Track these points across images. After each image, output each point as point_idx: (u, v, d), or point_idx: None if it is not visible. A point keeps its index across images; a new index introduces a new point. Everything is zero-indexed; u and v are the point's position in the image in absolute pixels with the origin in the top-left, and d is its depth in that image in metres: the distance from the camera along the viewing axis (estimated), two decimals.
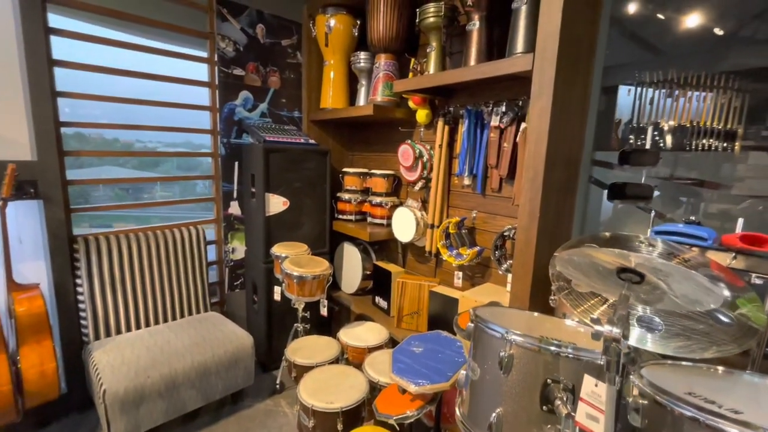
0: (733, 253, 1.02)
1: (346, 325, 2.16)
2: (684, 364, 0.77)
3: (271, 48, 2.63)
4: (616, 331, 0.57)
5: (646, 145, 1.58)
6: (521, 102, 1.79)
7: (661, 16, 1.59)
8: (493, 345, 0.85)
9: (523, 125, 1.75)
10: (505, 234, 1.83)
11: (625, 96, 1.69)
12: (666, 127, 1.54)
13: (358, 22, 2.48)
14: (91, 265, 1.96)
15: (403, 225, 2.28)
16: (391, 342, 2.07)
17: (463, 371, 1.03)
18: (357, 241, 2.71)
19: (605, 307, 0.93)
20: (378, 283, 2.48)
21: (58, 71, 1.89)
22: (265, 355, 2.48)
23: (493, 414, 0.82)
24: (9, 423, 1.57)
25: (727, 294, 0.56)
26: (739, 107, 1.37)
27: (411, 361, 1.26)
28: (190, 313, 2.33)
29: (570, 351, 0.78)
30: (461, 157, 2.04)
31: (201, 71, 2.42)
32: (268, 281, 2.37)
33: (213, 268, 2.62)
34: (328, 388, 1.57)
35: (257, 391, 2.28)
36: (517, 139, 1.78)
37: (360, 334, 2.02)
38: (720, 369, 0.76)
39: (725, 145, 1.42)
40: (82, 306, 1.97)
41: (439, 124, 2.11)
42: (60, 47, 1.90)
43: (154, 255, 2.18)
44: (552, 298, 1.39)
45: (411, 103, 2.28)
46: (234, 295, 2.71)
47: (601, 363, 0.76)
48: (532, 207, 1.45)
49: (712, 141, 1.44)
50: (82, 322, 1.98)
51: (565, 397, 0.70)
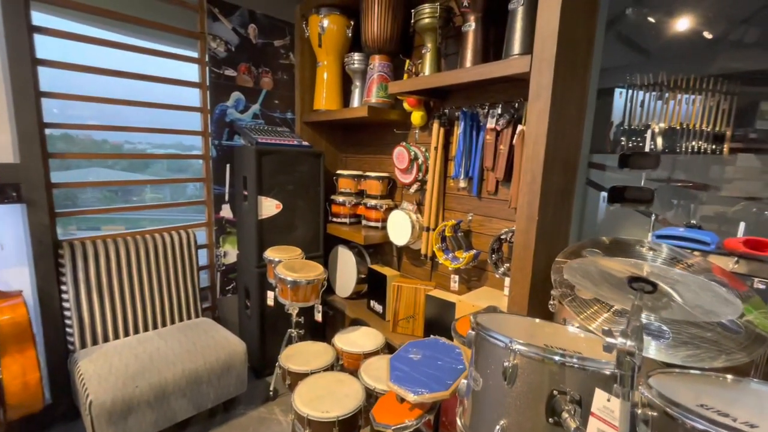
0: (735, 258, 1.01)
1: (340, 330, 2.12)
2: (692, 372, 0.75)
3: (264, 48, 2.58)
4: (630, 343, 0.54)
5: (645, 147, 1.57)
6: (517, 104, 1.77)
7: (651, 20, 1.59)
8: (497, 354, 0.82)
9: (519, 127, 1.73)
10: (502, 237, 1.82)
11: (617, 98, 1.69)
12: (657, 130, 1.55)
13: (352, 23, 2.45)
14: (76, 271, 1.90)
15: (399, 228, 2.25)
16: (387, 347, 2.03)
17: (464, 380, 1.01)
18: (351, 244, 2.68)
19: (609, 314, 0.91)
20: (373, 286, 2.44)
21: (45, 71, 1.83)
22: (258, 361, 2.43)
23: (497, 426, 0.80)
24: None
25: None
26: (727, 110, 1.38)
27: (409, 368, 1.23)
28: (181, 319, 2.28)
29: (575, 361, 0.76)
30: (457, 160, 2.02)
31: (192, 72, 2.37)
32: (260, 286, 2.32)
33: (204, 273, 2.57)
34: (324, 397, 1.53)
35: (250, 399, 2.23)
36: (514, 141, 1.76)
37: (355, 340, 1.99)
38: (729, 377, 0.74)
39: (714, 147, 1.44)
40: (67, 313, 1.90)
41: (435, 126, 2.09)
42: (48, 47, 1.84)
43: (143, 260, 2.12)
44: (551, 302, 1.37)
45: (406, 105, 2.25)
46: (226, 300, 2.65)
47: (607, 373, 0.74)
48: (530, 210, 1.43)
49: (701, 143, 1.46)
50: (68, 330, 1.92)
51: (573, 410, 0.67)
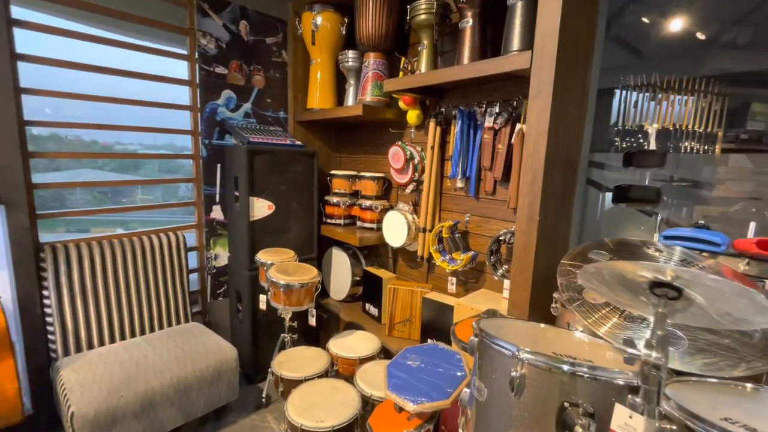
0: (746, 259, 0.97)
1: (335, 334, 2.06)
2: (709, 381, 0.71)
3: (256, 46, 2.52)
4: (656, 355, 0.50)
5: (650, 146, 1.54)
6: (516, 102, 1.73)
7: (645, 20, 1.58)
8: (502, 363, 0.77)
9: (518, 126, 1.69)
10: (500, 238, 1.77)
11: (616, 98, 1.67)
12: (650, 130, 1.53)
13: (346, 20, 2.40)
14: (59, 275, 1.82)
15: (394, 229, 2.20)
16: (383, 352, 1.98)
17: (466, 389, 0.96)
18: (346, 245, 2.62)
19: (619, 318, 0.87)
20: (368, 289, 2.39)
21: (27, 67, 1.75)
22: (250, 367, 2.36)
23: None
24: None
25: None
26: (719, 111, 1.38)
27: (407, 376, 1.17)
28: (170, 324, 2.20)
29: (586, 370, 0.71)
30: (454, 159, 1.98)
31: (181, 69, 2.30)
32: (252, 289, 2.26)
33: (194, 276, 2.49)
34: (318, 405, 1.47)
35: (242, 406, 2.16)
36: (513, 140, 1.72)
37: (350, 345, 1.93)
38: (748, 386, 0.70)
39: (706, 147, 1.43)
40: (49, 320, 1.82)
41: (431, 125, 2.04)
42: (31, 42, 1.76)
43: (129, 263, 2.04)
44: (554, 306, 1.33)
45: (401, 104, 2.21)
46: (217, 303, 2.58)
47: (621, 383, 0.70)
48: (530, 211, 1.39)
49: (694, 144, 1.46)
50: (50, 336, 1.83)
51: (587, 424, 0.63)
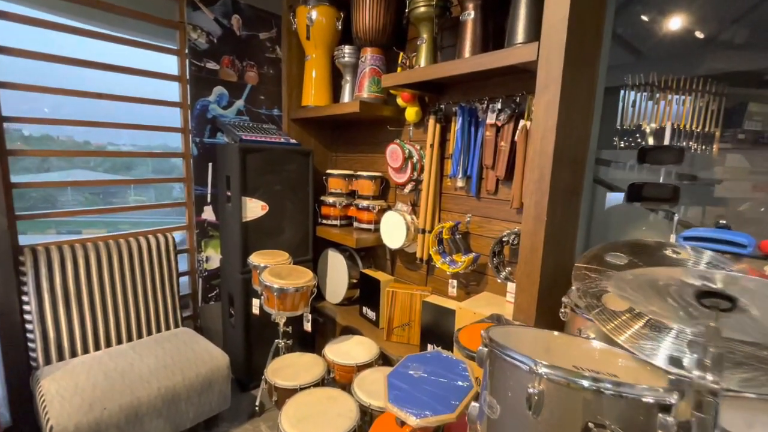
0: None
1: (331, 339, 1.98)
2: (747, 395, 0.65)
3: (248, 41, 2.44)
4: (712, 378, 0.43)
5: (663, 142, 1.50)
6: (519, 98, 1.67)
7: (644, 18, 1.54)
8: (518, 378, 0.70)
9: (522, 122, 1.63)
10: (503, 239, 1.71)
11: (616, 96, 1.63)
12: (648, 130, 1.51)
13: (342, 15, 2.33)
14: (40, 279, 1.73)
15: (393, 230, 2.13)
16: (382, 357, 1.90)
17: (474, 403, 0.88)
18: (342, 247, 2.54)
19: (641, 325, 0.80)
20: (365, 292, 2.31)
21: (5, 60, 1.66)
22: (243, 373, 2.27)
23: None
24: None
25: None
26: (716, 110, 1.37)
27: (409, 387, 1.10)
28: (159, 330, 2.11)
29: (609, 386, 0.65)
30: (454, 158, 1.91)
31: (170, 64, 2.21)
32: (245, 293, 2.17)
33: (185, 279, 2.40)
34: (314, 417, 1.39)
35: (234, 415, 2.08)
36: (516, 137, 1.66)
37: (348, 350, 1.85)
38: None
39: (704, 147, 1.43)
40: (29, 326, 1.72)
41: (431, 122, 1.97)
42: (12, 35, 1.67)
43: (116, 266, 1.95)
44: (563, 311, 1.26)
45: (399, 100, 2.14)
46: (209, 307, 2.49)
47: (652, 401, 0.63)
48: (537, 211, 1.32)
49: (692, 143, 1.45)
50: (30, 344, 1.74)
51: None
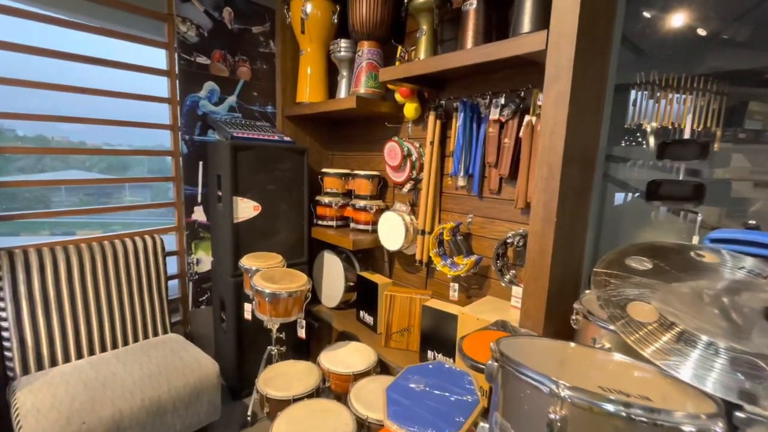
0: None
1: (327, 346, 1.89)
2: None
3: (241, 35, 2.35)
4: None
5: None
6: (523, 92, 1.59)
7: (646, 15, 1.48)
8: (535, 401, 0.62)
9: (527, 118, 1.54)
10: (507, 241, 1.62)
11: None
12: (648, 129, 1.48)
13: (338, 7, 2.24)
14: (17, 284, 1.63)
15: (391, 231, 2.04)
16: (380, 365, 1.81)
17: (483, 423, 0.80)
18: (338, 249, 2.45)
19: (670, 337, 0.71)
20: (362, 295, 2.23)
21: None
22: (235, 381, 2.18)
23: None
24: None
25: None
26: (717, 109, 1.34)
27: (410, 402, 1.01)
28: (146, 336, 2.01)
29: (640, 413, 0.56)
30: (455, 155, 1.82)
31: (158, 58, 2.12)
32: (237, 297, 2.08)
33: (175, 283, 2.30)
34: None
35: (225, 425, 1.98)
36: (520, 133, 1.58)
37: (344, 358, 1.76)
38: None
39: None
40: (6, 334, 1.62)
41: (430, 118, 1.89)
42: None
43: (99, 269, 1.85)
44: (574, 317, 1.18)
45: (398, 96, 2.05)
46: (199, 312, 2.39)
47: (691, 431, 0.54)
48: (546, 211, 1.24)
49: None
50: (7, 353, 1.64)
51: None
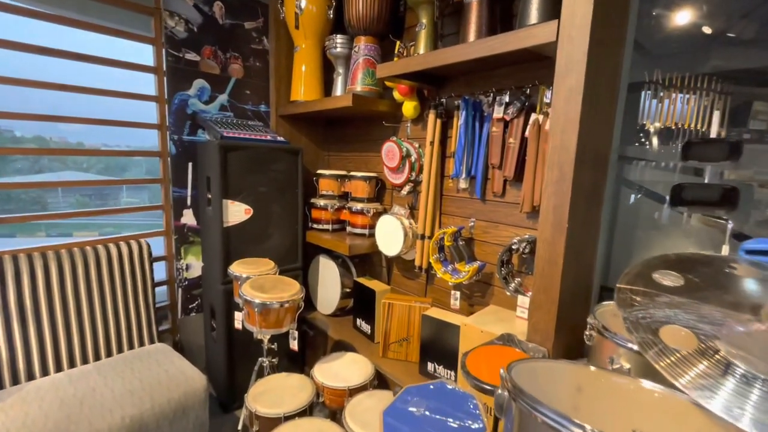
0: None
1: (321, 358, 1.79)
2: None
3: (232, 30, 2.25)
4: None
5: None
6: (529, 90, 1.50)
7: (654, 12, 1.40)
8: None
9: (533, 116, 1.45)
10: (513, 247, 1.53)
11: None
12: (652, 129, 1.43)
13: (334, 2, 2.14)
14: None
15: (389, 236, 1.94)
16: (378, 378, 1.71)
17: None
18: (334, 254, 2.35)
19: (708, 364, 0.62)
20: (359, 303, 2.13)
21: None
22: (226, 393, 2.08)
23: None
24: None
25: None
26: (721, 110, 1.29)
27: (409, 429, 0.92)
28: (131, 347, 1.91)
29: None
30: (457, 156, 1.73)
31: (145, 54, 2.02)
32: (227, 305, 1.98)
33: (163, 289, 2.20)
34: None
35: None
36: (526, 133, 1.48)
37: (339, 371, 1.66)
38: None
39: None
40: None
41: (430, 117, 1.79)
42: None
43: (81, 277, 1.75)
44: (588, 333, 1.08)
45: (396, 94, 1.96)
46: (189, 320, 2.29)
47: None
48: (557, 216, 1.15)
49: None
50: None
51: None
